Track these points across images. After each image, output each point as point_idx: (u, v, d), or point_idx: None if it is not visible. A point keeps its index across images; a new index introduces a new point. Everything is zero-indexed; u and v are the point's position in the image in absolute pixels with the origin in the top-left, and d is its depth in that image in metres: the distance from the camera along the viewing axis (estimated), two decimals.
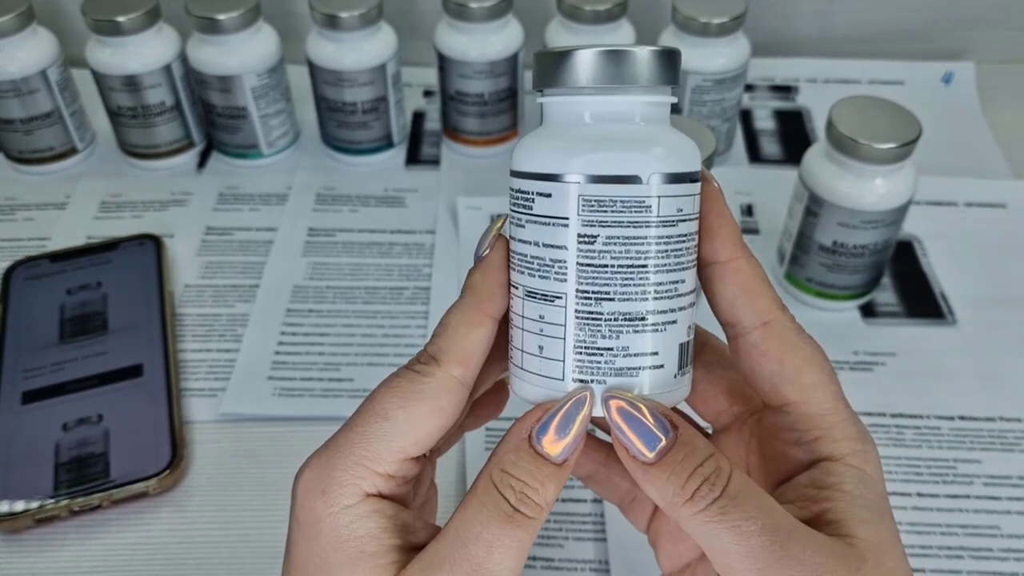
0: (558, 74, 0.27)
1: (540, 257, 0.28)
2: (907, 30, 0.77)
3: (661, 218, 0.27)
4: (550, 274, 0.28)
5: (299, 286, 0.58)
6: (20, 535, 0.45)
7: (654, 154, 0.27)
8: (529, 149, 0.28)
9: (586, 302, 0.28)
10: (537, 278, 0.28)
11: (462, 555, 0.27)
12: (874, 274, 0.55)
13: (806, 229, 0.53)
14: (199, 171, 0.67)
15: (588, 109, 0.28)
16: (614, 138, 0.27)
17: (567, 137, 0.28)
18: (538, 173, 0.28)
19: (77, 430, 0.48)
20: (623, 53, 0.27)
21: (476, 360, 0.29)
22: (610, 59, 0.27)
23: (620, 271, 0.27)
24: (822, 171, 0.51)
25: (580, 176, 0.27)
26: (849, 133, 0.49)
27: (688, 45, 0.61)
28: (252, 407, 0.51)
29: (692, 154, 0.28)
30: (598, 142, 0.27)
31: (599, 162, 0.27)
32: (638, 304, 0.28)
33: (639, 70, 0.27)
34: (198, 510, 0.47)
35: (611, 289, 0.28)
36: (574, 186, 0.27)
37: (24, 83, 0.62)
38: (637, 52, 0.27)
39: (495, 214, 0.62)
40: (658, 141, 0.27)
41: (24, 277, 0.56)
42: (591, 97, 0.28)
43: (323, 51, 0.62)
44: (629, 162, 0.27)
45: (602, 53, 0.27)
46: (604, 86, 0.27)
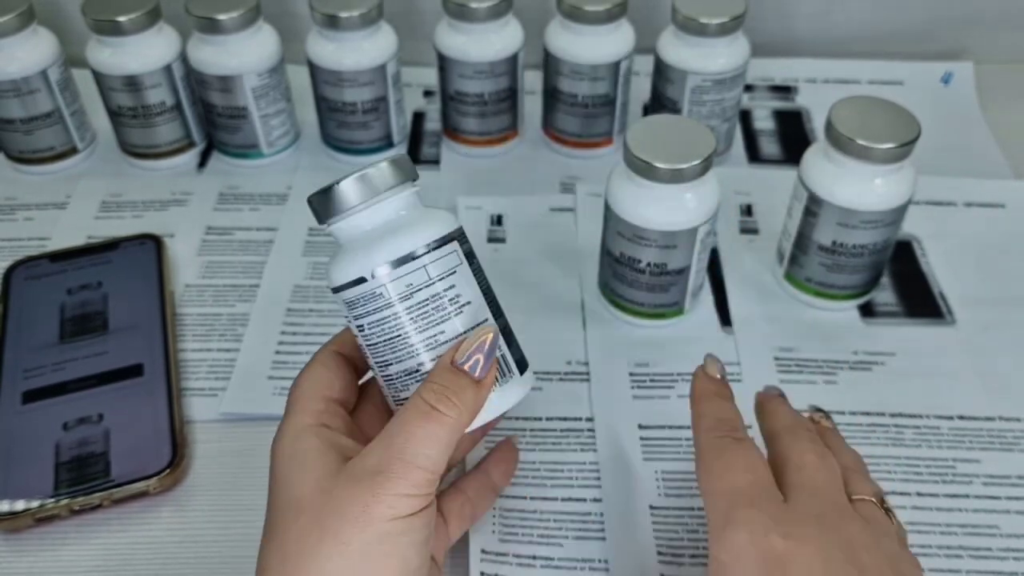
0: (330, 206, 0.35)
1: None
2: (906, 30, 0.77)
3: (397, 297, 0.34)
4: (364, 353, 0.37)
5: (299, 286, 0.58)
6: (20, 534, 0.45)
7: (370, 254, 0.34)
8: (329, 273, 0.36)
9: (380, 370, 0.36)
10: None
11: (387, 444, 0.33)
12: (873, 274, 0.55)
13: (805, 229, 0.53)
14: (199, 171, 0.68)
15: (354, 225, 0.36)
16: (347, 250, 0.35)
17: (329, 266, 0.36)
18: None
19: (77, 429, 0.48)
20: (362, 176, 0.35)
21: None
22: (358, 183, 0.35)
23: (387, 343, 0.35)
24: (821, 171, 0.51)
25: (335, 287, 0.36)
26: (848, 133, 0.49)
27: (688, 45, 0.61)
28: (252, 407, 0.51)
29: (413, 238, 0.35)
30: (336, 258, 0.36)
31: (336, 273, 0.35)
32: (409, 361, 0.35)
33: (376, 184, 0.35)
34: (198, 509, 0.47)
35: (387, 357, 0.36)
36: (337, 295, 0.36)
37: (24, 83, 0.62)
38: (371, 171, 0.35)
39: (494, 214, 0.63)
40: (384, 237, 0.35)
41: (24, 277, 0.56)
42: (350, 218, 0.35)
43: (323, 51, 0.62)
44: (353, 268, 0.35)
45: (352, 180, 0.35)
46: (347, 211, 0.35)
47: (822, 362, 0.53)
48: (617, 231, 0.51)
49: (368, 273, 0.34)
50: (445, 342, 0.35)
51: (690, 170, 0.47)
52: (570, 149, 0.68)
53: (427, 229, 0.35)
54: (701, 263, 0.53)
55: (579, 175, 0.67)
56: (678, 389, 0.52)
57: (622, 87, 0.65)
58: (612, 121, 0.66)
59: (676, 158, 0.47)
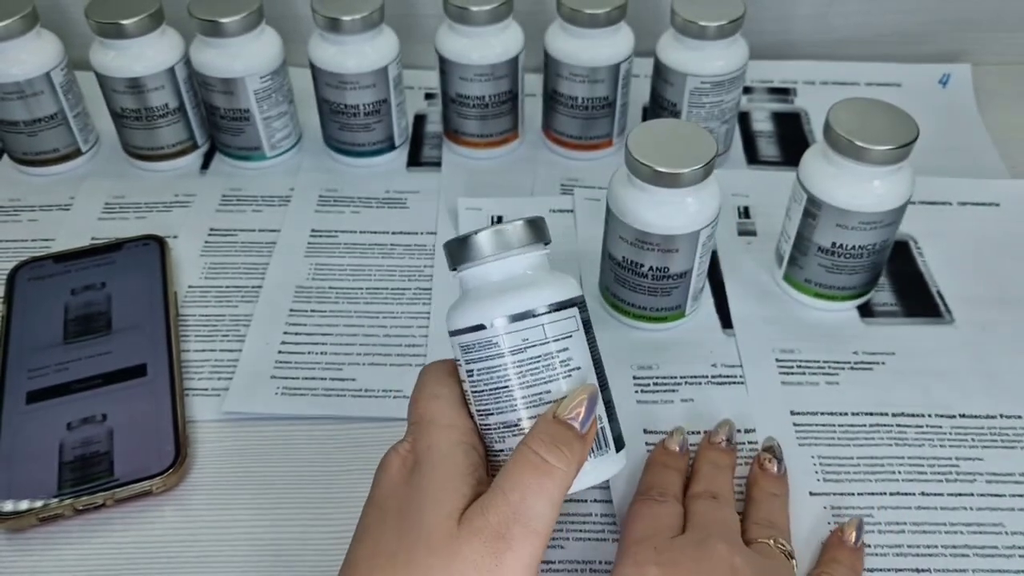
0: (462, 253, 0.37)
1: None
2: (904, 32, 0.77)
3: (509, 349, 0.36)
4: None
5: (302, 287, 0.58)
6: (24, 534, 0.46)
7: (493, 304, 0.36)
8: (449, 316, 0.38)
9: (479, 417, 0.37)
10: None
11: (502, 501, 0.33)
12: (872, 274, 0.55)
13: (804, 231, 0.54)
14: (202, 173, 0.68)
15: (482, 275, 0.37)
16: (470, 297, 0.37)
17: (450, 310, 0.38)
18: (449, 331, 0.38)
19: (81, 429, 0.48)
20: (500, 231, 0.37)
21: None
22: (493, 235, 0.37)
23: (492, 392, 0.36)
24: (820, 173, 0.52)
25: (452, 331, 0.37)
26: (847, 135, 0.49)
27: (687, 48, 0.61)
28: (255, 406, 0.51)
29: (536, 297, 0.36)
30: (458, 303, 0.37)
31: (456, 318, 0.37)
32: (510, 414, 0.36)
33: (511, 240, 0.37)
34: (201, 509, 0.47)
35: (490, 406, 0.36)
36: (453, 338, 0.37)
37: (28, 85, 0.62)
38: (507, 227, 0.37)
39: (494, 215, 0.63)
40: (508, 291, 0.36)
41: (28, 278, 0.57)
42: (480, 267, 0.37)
43: (325, 54, 0.62)
44: (474, 315, 0.36)
45: (488, 233, 0.37)
46: (483, 259, 0.37)
47: (823, 363, 0.54)
48: (619, 235, 0.51)
49: (488, 321, 0.36)
50: (548, 402, 0.36)
51: (692, 174, 0.48)
52: (570, 151, 0.68)
53: (551, 290, 0.36)
54: (702, 266, 0.53)
55: (579, 177, 0.67)
56: (682, 393, 0.52)
57: (621, 89, 0.65)
58: (612, 123, 0.67)
59: (678, 162, 0.48)
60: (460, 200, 0.63)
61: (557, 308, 0.36)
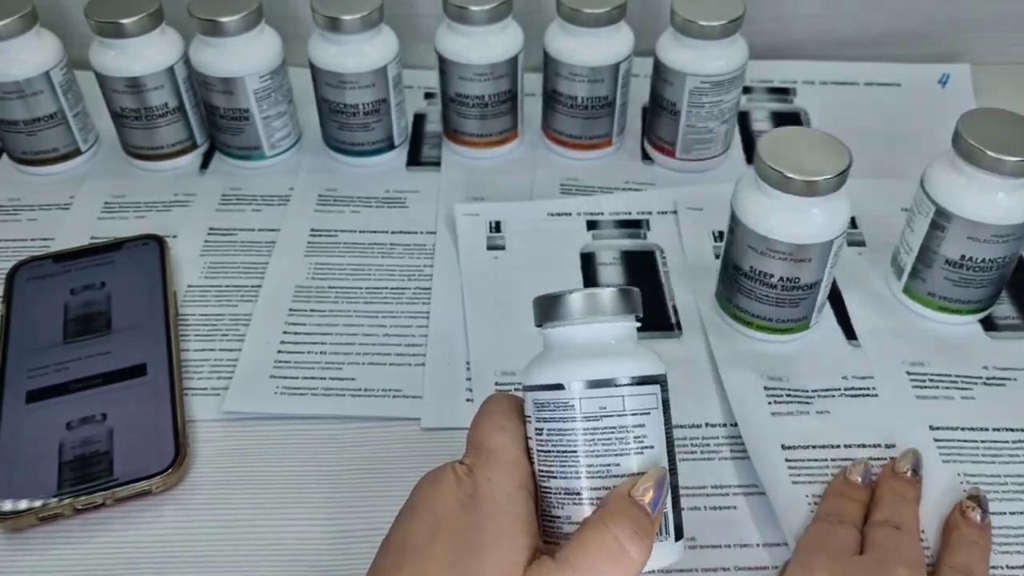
0: (551, 311, 0.36)
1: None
2: (904, 32, 0.77)
3: (584, 415, 0.34)
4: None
5: (301, 286, 0.58)
6: (24, 533, 0.46)
7: (575, 367, 0.35)
8: (528, 369, 0.37)
9: (541, 478, 0.36)
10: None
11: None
12: (997, 288, 0.54)
13: (931, 243, 0.52)
14: (202, 172, 0.68)
15: (568, 336, 0.36)
16: (551, 356, 0.36)
17: (531, 364, 0.37)
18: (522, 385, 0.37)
19: (81, 429, 0.48)
20: (593, 294, 0.36)
21: None
22: (584, 299, 0.36)
23: (558, 455, 0.35)
24: (949, 183, 0.50)
25: (528, 386, 0.36)
26: (980, 144, 0.48)
27: (686, 47, 0.61)
28: (255, 406, 0.51)
29: (619, 367, 0.35)
30: (539, 359, 0.37)
31: (534, 373, 0.36)
32: (573, 481, 0.35)
33: (603, 306, 0.36)
34: (201, 508, 0.47)
35: (554, 469, 0.35)
36: (528, 393, 0.36)
37: (28, 85, 0.62)
38: (602, 292, 0.36)
39: (492, 220, 0.63)
40: (592, 356, 0.35)
41: (28, 277, 0.57)
42: (567, 328, 0.36)
43: (325, 54, 0.62)
44: (553, 373, 0.35)
45: (580, 295, 0.36)
46: (576, 320, 0.36)
47: (956, 377, 0.52)
48: (747, 244, 0.51)
49: (567, 382, 0.35)
50: (614, 476, 0.35)
51: (828, 183, 0.47)
52: (569, 151, 0.68)
53: (635, 363, 0.35)
54: (831, 277, 0.52)
55: (579, 176, 0.67)
56: (816, 405, 0.51)
57: (621, 89, 0.65)
58: (611, 123, 0.67)
59: (813, 170, 0.47)
60: (457, 206, 0.63)
61: (640, 382, 0.35)
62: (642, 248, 0.61)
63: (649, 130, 0.68)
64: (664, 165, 0.68)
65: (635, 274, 0.59)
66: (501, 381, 0.52)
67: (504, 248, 0.61)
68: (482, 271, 0.59)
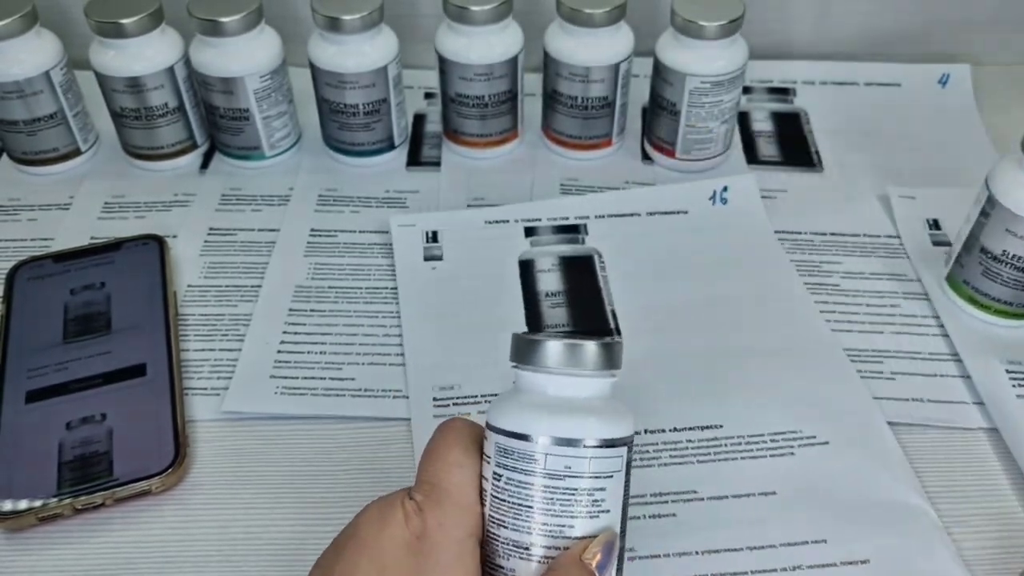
0: (527, 354, 0.35)
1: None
2: (903, 32, 0.77)
3: (547, 472, 0.33)
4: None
5: (301, 286, 0.58)
6: (24, 533, 0.46)
7: (545, 420, 0.33)
8: (496, 407, 0.35)
9: (490, 524, 0.34)
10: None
11: None
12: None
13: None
14: (202, 172, 0.68)
15: (542, 383, 0.35)
16: (523, 401, 0.35)
17: (499, 402, 0.35)
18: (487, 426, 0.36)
19: (80, 429, 0.48)
20: (575, 345, 0.34)
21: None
22: (566, 349, 0.34)
23: (512, 506, 0.34)
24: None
25: (493, 427, 0.35)
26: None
27: (686, 48, 0.61)
28: (254, 406, 0.51)
29: (590, 428, 0.34)
30: (509, 399, 0.35)
31: (500, 416, 0.34)
32: (524, 536, 0.34)
33: (583, 361, 0.34)
34: (201, 508, 0.47)
35: (506, 519, 0.34)
36: (492, 433, 0.35)
37: (28, 84, 0.62)
38: (586, 346, 0.34)
39: (428, 231, 0.61)
40: (563, 411, 0.34)
41: (28, 277, 0.57)
42: (543, 376, 0.35)
43: (325, 53, 0.62)
44: (521, 422, 0.34)
45: (561, 345, 0.34)
46: (553, 369, 0.34)
47: None
48: (1006, 228, 0.51)
49: (535, 435, 0.34)
50: (566, 536, 0.34)
51: None
52: (569, 151, 0.68)
53: (608, 424, 0.34)
54: None
55: (579, 176, 0.67)
56: None
57: (621, 89, 0.65)
58: (611, 123, 0.67)
59: None
60: (392, 219, 0.62)
61: (608, 445, 0.34)
62: (580, 253, 0.60)
63: (649, 130, 0.68)
64: (664, 165, 0.68)
65: (573, 280, 0.59)
66: (439, 396, 0.51)
67: (442, 258, 0.60)
68: (419, 283, 0.58)
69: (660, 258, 0.60)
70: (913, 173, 0.67)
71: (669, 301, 0.57)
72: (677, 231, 0.62)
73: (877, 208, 0.64)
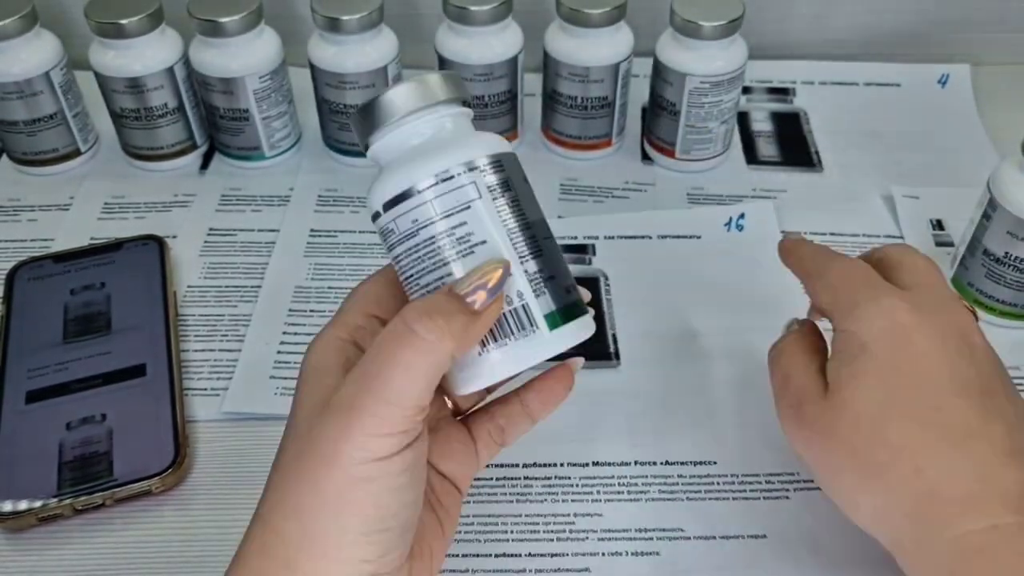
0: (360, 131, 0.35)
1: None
2: (903, 33, 0.77)
3: (403, 233, 0.33)
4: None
5: (301, 287, 0.59)
6: (24, 533, 0.46)
7: (377, 191, 0.34)
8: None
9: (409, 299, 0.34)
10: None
11: (363, 372, 0.31)
12: None
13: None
14: (202, 173, 0.68)
15: (376, 155, 0.35)
16: (371, 184, 0.34)
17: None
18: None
19: (81, 429, 0.48)
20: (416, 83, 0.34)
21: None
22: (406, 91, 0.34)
23: (406, 281, 0.35)
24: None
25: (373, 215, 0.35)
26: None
27: (686, 48, 0.61)
28: (254, 406, 0.51)
29: (415, 173, 0.33)
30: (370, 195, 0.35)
31: (374, 196, 0.34)
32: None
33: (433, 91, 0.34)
34: (201, 509, 0.47)
35: (411, 292, 0.34)
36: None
37: (27, 85, 0.62)
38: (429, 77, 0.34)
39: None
40: (387, 175, 0.34)
41: (28, 278, 0.57)
42: (374, 146, 0.35)
43: (324, 54, 0.62)
44: (371, 203, 0.34)
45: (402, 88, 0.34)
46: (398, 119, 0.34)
47: None
48: (1006, 230, 0.51)
49: (373, 205, 0.34)
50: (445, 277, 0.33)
51: None
52: (569, 151, 0.68)
53: (437, 160, 0.33)
54: None
55: (578, 176, 0.67)
56: None
57: (621, 89, 0.65)
58: (611, 123, 0.67)
59: None
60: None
61: (445, 179, 0.32)
62: (586, 275, 0.59)
63: (649, 130, 0.68)
64: (664, 165, 0.68)
65: None
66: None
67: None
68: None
69: (668, 284, 0.58)
70: (913, 173, 0.67)
71: (672, 328, 0.55)
72: (688, 257, 0.60)
73: (878, 208, 0.64)
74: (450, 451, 0.39)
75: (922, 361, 0.36)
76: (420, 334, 0.31)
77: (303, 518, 0.32)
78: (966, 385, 0.35)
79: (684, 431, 0.50)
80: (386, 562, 0.33)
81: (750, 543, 0.44)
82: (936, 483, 0.34)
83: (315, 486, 0.32)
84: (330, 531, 0.31)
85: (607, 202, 0.65)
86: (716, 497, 0.47)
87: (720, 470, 0.48)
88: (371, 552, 0.32)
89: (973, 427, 0.34)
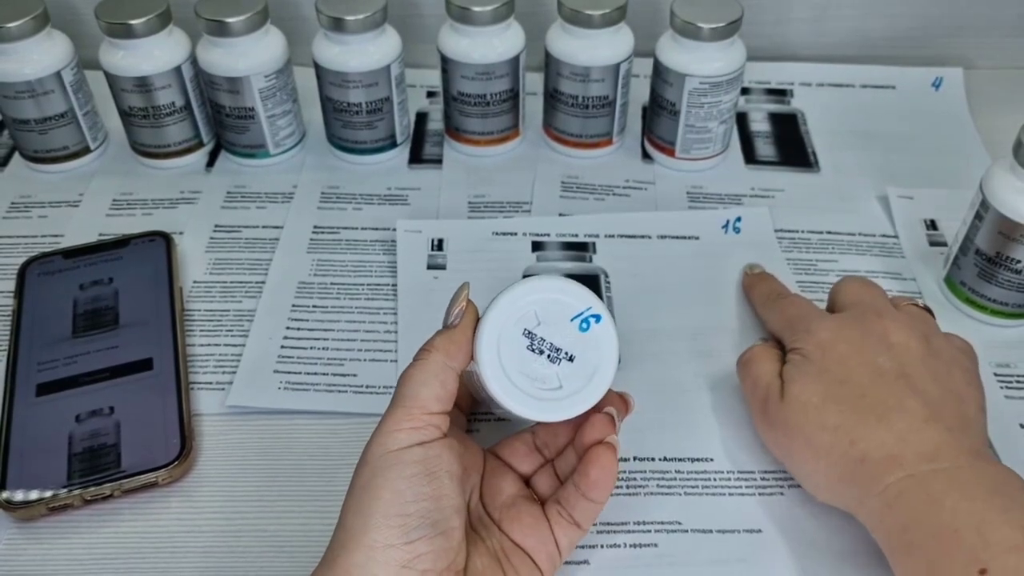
0: None
1: None
2: (898, 36, 0.78)
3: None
4: None
5: (304, 282, 0.59)
6: (34, 523, 0.47)
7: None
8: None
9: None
10: None
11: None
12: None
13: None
14: (208, 170, 0.69)
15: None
16: None
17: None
18: None
19: (89, 422, 0.49)
20: None
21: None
22: None
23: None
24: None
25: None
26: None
27: (685, 49, 0.62)
28: (258, 400, 0.52)
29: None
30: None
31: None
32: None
33: None
34: (206, 500, 0.48)
35: None
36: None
37: (39, 84, 0.63)
38: None
39: (434, 238, 0.62)
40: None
41: (38, 273, 0.58)
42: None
43: (329, 53, 0.63)
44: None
45: None
46: None
47: None
48: (998, 230, 0.52)
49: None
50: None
51: None
52: (570, 149, 0.69)
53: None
54: None
55: (579, 174, 0.68)
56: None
57: (621, 89, 0.66)
58: (611, 122, 0.67)
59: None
60: (400, 223, 0.62)
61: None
62: (586, 272, 0.60)
63: (649, 129, 0.69)
64: (664, 164, 0.69)
65: None
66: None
67: (445, 268, 0.60)
68: (419, 291, 0.58)
69: (667, 282, 0.59)
70: (907, 174, 0.68)
71: (671, 326, 0.56)
72: (687, 256, 0.61)
73: (873, 208, 0.65)
74: (520, 523, 0.42)
75: (846, 362, 0.45)
76: (419, 354, 0.40)
77: (343, 518, 0.38)
78: (883, 373, 0.44)
79: (682, 428, 0.51)
80: (412, 549, 0.36)
81: (745, 537, 0.46)
82: (866, 450, 0.42)
83: (353, 487, 0.38)
84: (357, 520, 0.37)
85: (608, 200, 0.66)
86: (713, 493, 0.48)
87: (716, 467, 0.49)
88: (393, 536, 0.36)
89: (891, 404, 0.42)
